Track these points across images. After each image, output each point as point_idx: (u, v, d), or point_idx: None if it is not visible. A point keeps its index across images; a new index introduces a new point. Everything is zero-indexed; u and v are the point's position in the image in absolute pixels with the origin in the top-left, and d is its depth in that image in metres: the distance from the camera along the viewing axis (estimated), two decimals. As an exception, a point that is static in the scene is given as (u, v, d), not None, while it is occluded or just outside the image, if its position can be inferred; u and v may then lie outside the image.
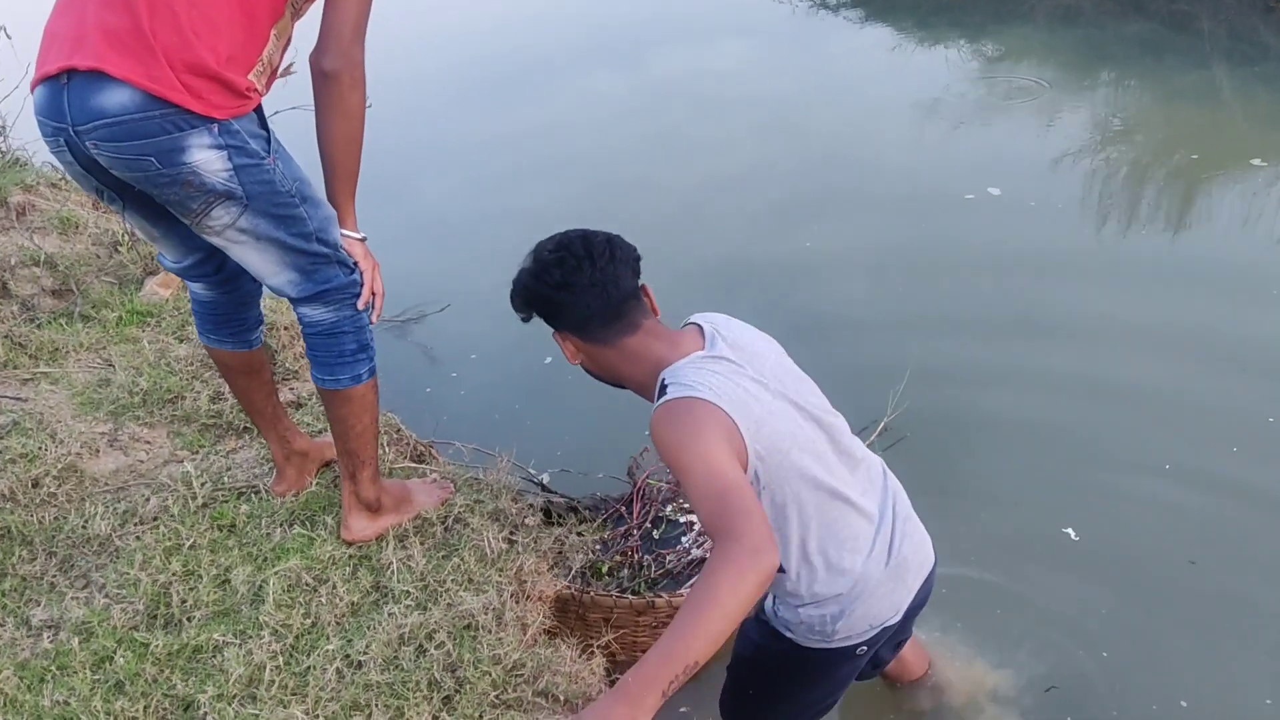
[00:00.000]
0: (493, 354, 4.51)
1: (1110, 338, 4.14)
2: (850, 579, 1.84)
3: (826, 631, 1.89)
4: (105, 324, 3.36)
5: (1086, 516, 3.22)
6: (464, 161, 6.68)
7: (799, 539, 1.82)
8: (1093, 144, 6.25)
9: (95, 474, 2.70)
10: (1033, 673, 2.76)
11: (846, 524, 1.84)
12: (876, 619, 1.90)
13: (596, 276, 1.84)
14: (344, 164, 2.00)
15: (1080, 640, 2.83)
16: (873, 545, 1.87)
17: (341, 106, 1.90)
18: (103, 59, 1.68)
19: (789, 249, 5.11)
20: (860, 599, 1.86)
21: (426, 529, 2.45)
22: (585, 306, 1.85)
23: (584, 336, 1.90)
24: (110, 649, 2.13)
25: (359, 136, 1.96)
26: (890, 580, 1.90)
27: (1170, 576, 2.99)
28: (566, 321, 1.91)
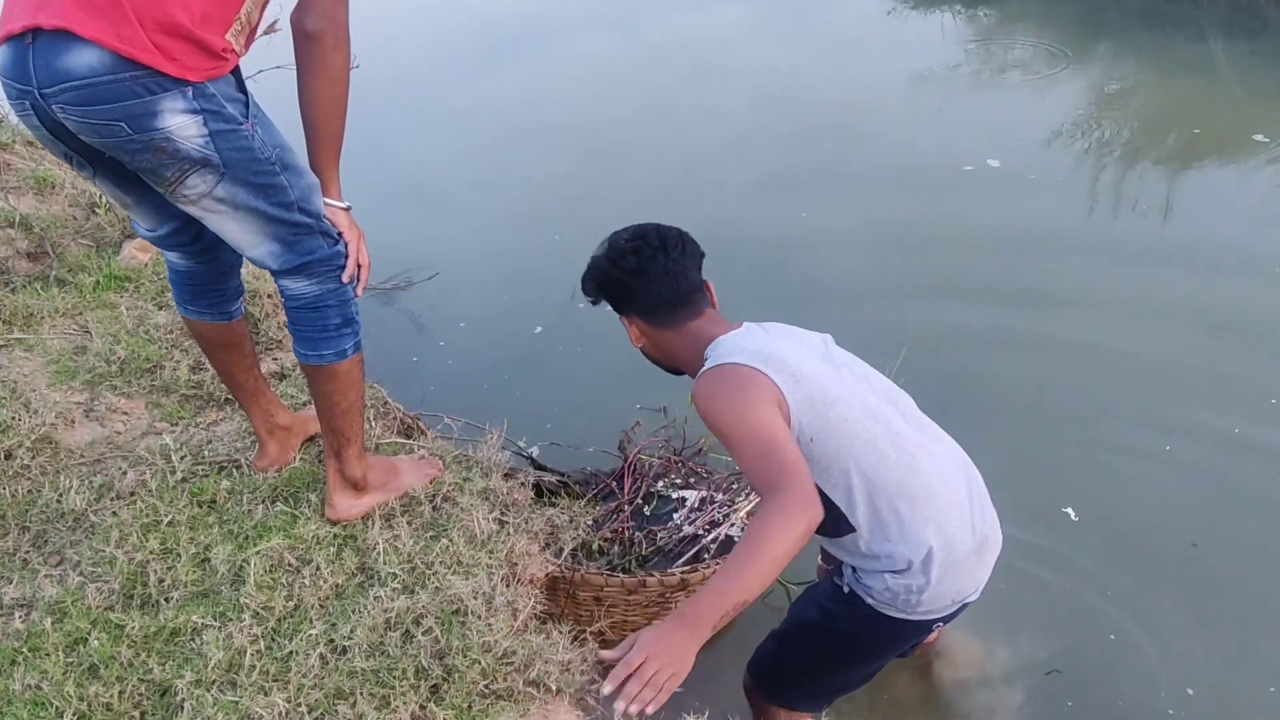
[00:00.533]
0: (481, 323, 4.43)
1: (1111, 312, 4.08)
2: (930, 544, 1.87)
3: (911, 603, 1.92)
4: (82, 289, 3.25)
5: (1086, 496, 3.17)
6: (452, 125, 6.55)
7: (865, 493, 1.88)
8: (1092, 116, 6.17)
9: (71, 445, 2.61)
10: (1034, 655, 2.71)
11: (921, 483, 1.88)
12: (959, 594, 1.96)
13: (669, 266, 2.04)
14: (327, 129, 1.90)
15: (1084, 623, 2.78)
16: (955, 515, 1.91)
17: (325, 69, 1.80)
18: (69, 17, 1.57)
19: (784, 219, 5.02)
20: (947, 572, 1.90)
21: (414, 508, 2.37)
22: (656, 293, 2.04)
23: (651, 321, 2.08)
24: (84, 630, 2.05)
25: (343, 100, 1.87)
26: (974, 556, 1.95)
27: (1172, 558, 2.94)
28: (637, 306, 2.08)
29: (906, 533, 1.88)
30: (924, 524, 1.88)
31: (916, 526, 1.87)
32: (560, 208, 5.42)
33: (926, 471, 1.90)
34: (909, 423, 1.96)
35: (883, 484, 1.87)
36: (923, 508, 1.88)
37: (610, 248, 2.11)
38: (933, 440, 1.99)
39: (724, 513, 3.08)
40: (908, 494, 1.87)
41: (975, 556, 1.95)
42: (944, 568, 1.89)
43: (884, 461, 1.87)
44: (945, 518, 1.90)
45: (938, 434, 2.03)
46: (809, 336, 2.06)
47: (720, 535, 2.98)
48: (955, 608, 1.99)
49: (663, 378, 3.81)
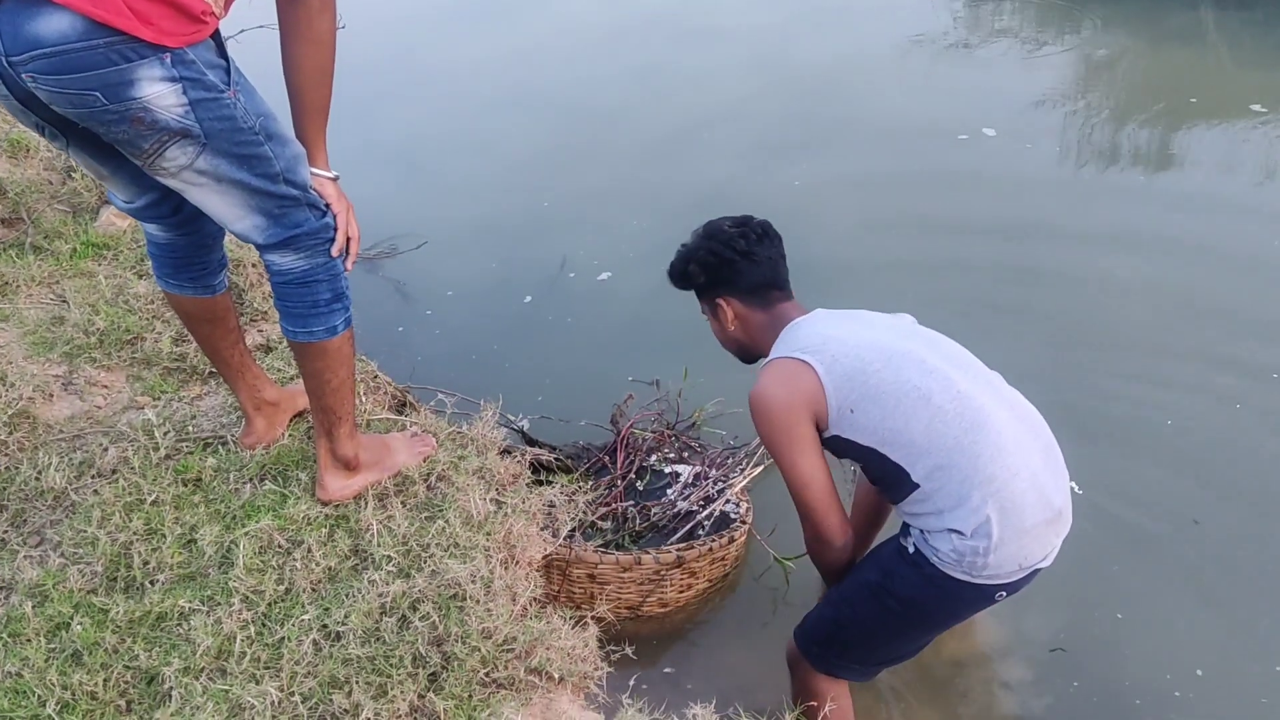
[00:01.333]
0: (469, 291, 4.34)
1: (1111, 287, 4.04)
2: (993, 501, 1.90)
3: (977, 565, 1.93)
4: (58, 256, 3.14)
5: (1089, 470, 3.14)
6: (438, 88, 6.42)
7: (923, 447, 1.94)
8: (1088, 86, 6.11)
9: (49, 420, 2.52)
10: (1038, 632, 2.68)
11: (986, 441, 1.92)
12: (1026, 560, 1.95)
13: (770, 251, 2.26)
14: (313, 96, 1.82)
15: (1088, 600, 2.74)
16: (1025, 478, 1.93)
17: (310, 32, 1.72)
18: None
19: (775, 188, 4.95)
20: (1014, 534, 1.91)
21: (408, 488, 2.30)
22: (760, 274, 2.24)
23: (749, 301, 2.26)
24: (67, 615, 1.98)
25: (329, 65, 1.78)
26: (1045, 524, 1.95)
27: (1175, 535, 2.90)
28: (740, 285, 2.25)
29: (966, 487, 1.92)
30: (988, 479, 1.91)
31: (979, 482, 1.91)
32: (549, 174, 5.32)
33: (993, 430, 1.93)
34: (979, 385, 2.00)
35: (942, 438, 1.93)
36: (986, 465, 1.91)
37: (717, 232, 2.28)
38: (1006, 406, 2.01)
39: (718, 488, 3.03)
40: (969, 450, 1.92)
41: (1046, 525, 1.96)
42: (1009, 529, 1.91)
43: (940, 416, 1.94)
44: (1012, 477, 1.92)
45: (1015, 401, 2.06)
46: (877, 316, 2.19)
47: (715, 511, 2.94)
48: (1022, 574, 1.99)
49: (654, 349, 3.81)
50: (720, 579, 2.83)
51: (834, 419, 2.02)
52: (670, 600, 2.73)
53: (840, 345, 2.03)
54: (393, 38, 7.07)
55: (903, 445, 1.97)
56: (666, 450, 3.28)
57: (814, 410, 2.02)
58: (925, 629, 2.15)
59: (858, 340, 2.04)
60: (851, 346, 2.03)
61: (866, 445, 2.01)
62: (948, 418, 1.93)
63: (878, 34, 6.92)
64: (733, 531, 2.78)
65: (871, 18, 7.33)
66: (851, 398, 1.98)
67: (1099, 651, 2.62)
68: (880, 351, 2.01)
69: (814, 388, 2.00)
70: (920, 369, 1.98)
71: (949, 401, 1.94)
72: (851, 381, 1.99)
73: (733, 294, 2.27)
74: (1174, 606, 2.71)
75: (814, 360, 2.01)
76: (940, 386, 1.96)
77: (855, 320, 2.16)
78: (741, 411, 3.29)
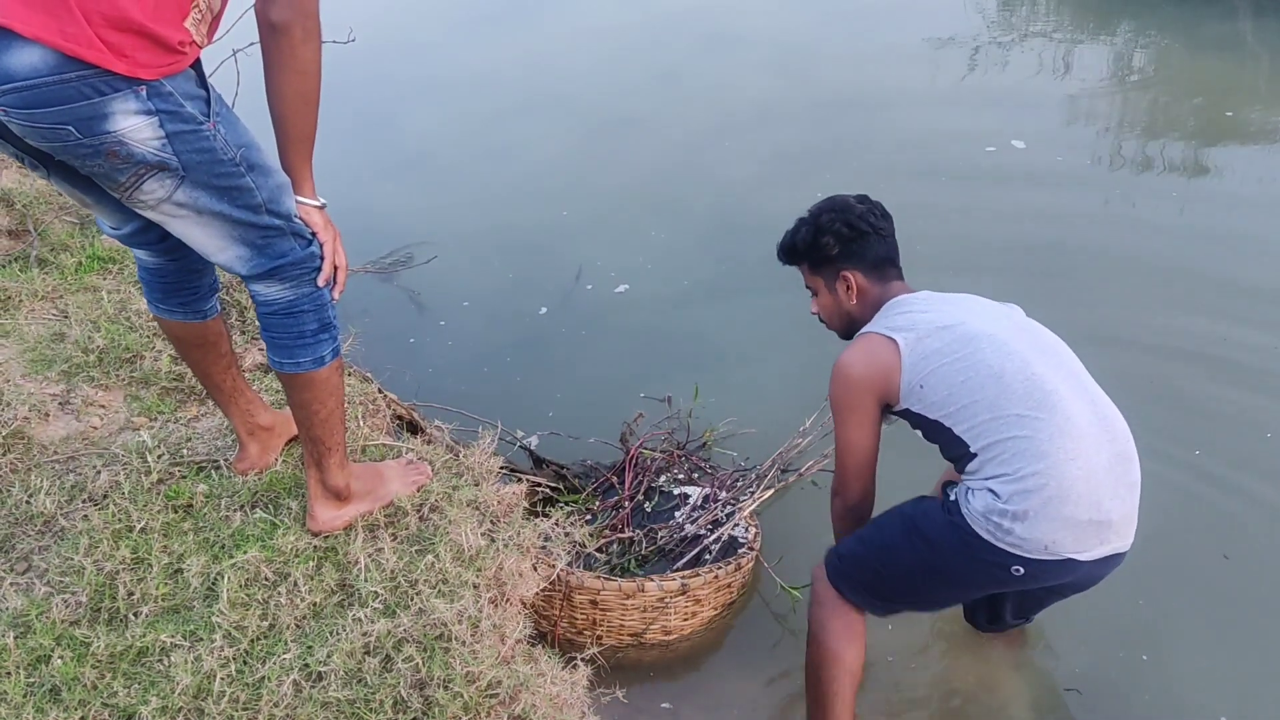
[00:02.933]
0: (484, 302, 4.30)
1: (1133, 305, 3.93)
2: (1037, 476, 1.95)
3: (1002, 528, 1.99)
4: (63, 270, 3.12)
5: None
6: (455, 95, 6.37)
7: (986, 419, 2.03)
8: (1123, 96, 5.97)
9: (44, 441, 2.49)
10: (1052, 669, 2.59)
11: (1050, 422, 1.98)
12: (1055, 546, 1.98)
13: (890, 230, 2.37)
14: (297, 125, 1.77)
15: (1107, 638, 2.65)
16: (1081, 468, 1.96)
17: (293, 62, 1.67)
18: (9, 13, 1.43)
19: (799, 198, 4.84)
20: (1049, 515, 1.95)
21: (399, 519, 2.24)
22: (885, 249, 2.35)
23: (871, 274, 2.34)
24: (48, 648, 1.93)
25: (314, 94, 1.73)
26: (1088, 524, 1.98)
27: (1204, 572, 2.80)
28: (867, 258, 2.34)
29: (1018, 459, 1.99)
30: (1041, 456, 1.97)
31: (1032, 457, 1.97)
32: (568, 182, 5.27)
33: (1060, 414, 1.99)
34: (1060, 374, 2.07)
35: (1004, 412, 2.02)
36: (1044, 443, 1.97)
37: (847, 206, 2.36)
38: (1086, 400, 2.06)
39: (727, 512, 2.96)
40: (1031, 425, 1.99)
41: (1089, 524, 1.98)
42: (1047, 510, 1.95)
43: (1009, 393, 2.02)
44: (1068, 459, 1.96)
45: (1098, 399, 2.10)
46: (982, 302, 2.28)
47: (723, 536, 2.87)
48: (1047, 558, 2.00)
49: (669, 365, 3.74)
50: (726, 607, 2.76)
51: (905, 394, 2.15)
52: (675, 628, 2.67)
53: (929, 326, 2.15)
54: (408, 44, 7.04)
55: (966, 418, 2.06)
56: (676, 471, 3.21)
57: (888, 385, 2.16)
58: (942, 579, 2.20)
59: (948, 322, 2.15)
60: (939, 328, 2.14)
61: (933, 419, 2.12)
62: (1014, 394, 2.02)
63: (905, 38, 6.82)
64: (739, 558, 2.71)
65: (899, 21, 7.22)
66: (923, 375, 2.10)
67: (1116, 694, 2.52)
68: (965, 335, 2.11)
69: (892, 363, 2.14)
70: (999, 350, 2.07)
71: (1019, 381, 2.03)
72: (928, 361, 2.10)
73: (859, 267, 2.35)
74: (1200, 646, 2.60)
75: (900, 338, 2.14)
76: (1015, 367, 2.04)
77: (955, 305, 2.23)
78: (754, 432, 3.25)
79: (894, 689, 2.58)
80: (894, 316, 2.23)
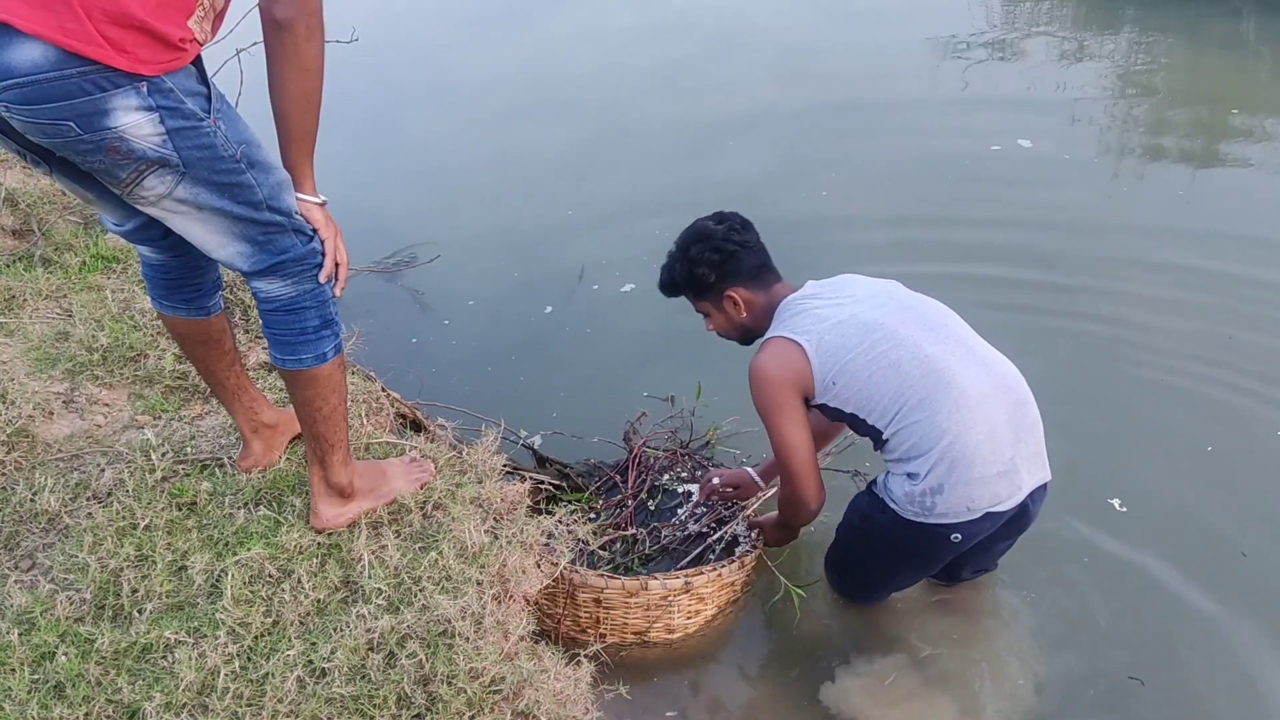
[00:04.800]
0: (490, 301, 4.29)
1: (1144, 301, 3.92)
2: (943, 450, 2.20)
3: (926, 505, 2.25)
4: (67, 269, 3.12)
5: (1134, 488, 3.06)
6: (458, 96, 6.38)
7: (894, 409, 2.25)
8: (1127, 94, 5.95)
9: (48, 439, 2.49)
10: (1065, 674, 2.58)
11: (948, 398, 2.20)
12: (975, 504, 2.23)
13: (754, 237, 2.48)
14: (299, 122, 1.77)
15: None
16: (982, 429, 2.20)
17: (296, 59, 1.67)
18: (9, 9, 1.43)
19: (804, 196, 4.85)
20: (962, 480, 2.20)
21: (403, 517, 2.24)
22: (758, 259, 2.47)
23: (754, 285, 2.47)
24: (52, 644, 1.94)
25: (316, 92, 1.73)
26: (996, 476, 2.22)
27: (1222, 568, 2.78)
28: (744, 274, 2.46)
29: (924, 440, 2.22)
30: (942, 433, 2.20)
31: (935, 435, 2.21)
32: (573, 181, 5.26)
33: (955, 389, 2.21)
34: (949, 348, 2.27)
35: (905, 400, 2.24)
36: (943, 420, 2.20)
37: (708, 233, 2.46)
38: (978, 364, 2.28)
39: (730, 509, 2.95)
40: (930, 406, 2.21)
41: (997, 476, 2.23)
42: (957, 477, 2.20)
43: (907, 382, 2.23)
44: (967, 429, 2.20)
45: (987, 358, 2.32)
46: (864, 286, 2.43)
47: (727, 534, 2.87)
48: (973, 517, 2.25)
49: (671, 364, 3.73)
50: (730, 605, 2.75)
51: (820, 390, 2.33)
52: (678, 627, 2.66)
53: (825, 324, 2.31)
54: (412, 45, 7.04)
55: (876, 410, 2.28)
56: (679, 469, 3.21)
57: (803, 385, 2.33)
58: (907, 564, 2.52)
59: (842, 317, 2.31)
60: (837, 324, 2.30)
61: (848, 411, 2.33)
62: (913, 382, 2.23)
63: (910, 37, 6.81)
64: (743, 557, 2.70)
65: (904, 19, 7.21)
66: (833, 372, 2.28)
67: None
68: (859, 328, 2.29)
69: (803, 365, 2.30)
70: (891, 341, 2.26)
71: (915, 367, 2.23)
72: (834, 358, 2.28)
73: (739, 283, 2.47)
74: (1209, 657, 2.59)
75: (804, 340, 2.30)
76: (909, 355, 2.24)
77: (843, 294, 2.39)
78: (757, 430, 3.24)
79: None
80: (791, 319, 2.37)
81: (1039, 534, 2.60)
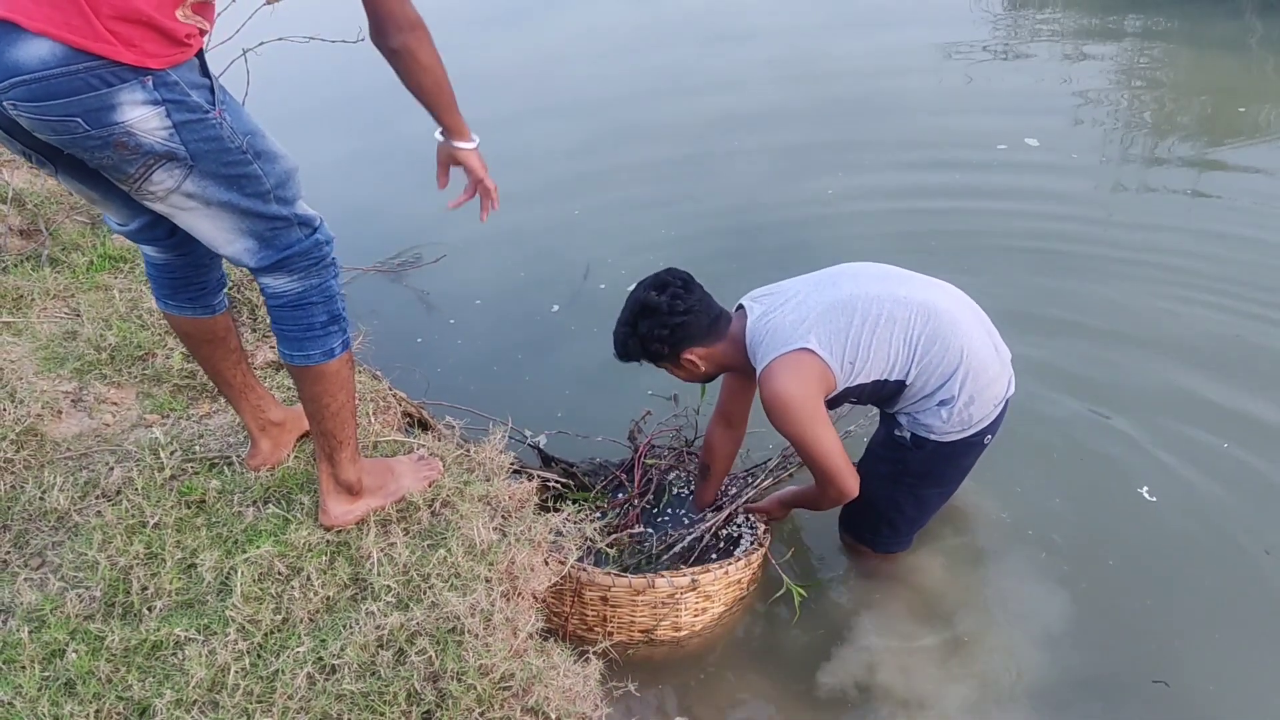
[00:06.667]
0: (497, 300, 4.29)
1: (1164, 302, 3.92)
2: (965, 364, 2.37)
3: (968, 417, 2.42)
4: (75, 269, 3.13)
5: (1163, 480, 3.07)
6: (463, 96, 6.30)
7: (905, 357, 2.38)
8: (1132, 94, 5.94)
9: (57, 438, 2.50)
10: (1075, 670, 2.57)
11: (941, 324, 2.36)
12: (997, 399, 2.46)
13: (699, 295, 2.50)
14: (443, 99, 1.98)
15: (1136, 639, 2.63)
16: (976, 335, 2.41)
17: (420, 64, 1.87)
18: (15, 7, 1.44)
19: (808, 196, 4.85)
20: (985, 382, 2.40)
21: (411, 514, 2.24)
22: (706, 318, 2.49)
23: (708, 342, 2.51)
24: (62, 642, 1.94)
25: (443, 72, 1.93)
26: (1000, 366, 2.46)
27: (1243, 565, 2.79)
28: (695, 337, 2.48)
29: (945, 366, 2.37)
30: (957, 354, 2.37)
31: (953, 359, 2.37)
32: (579, 180, 5.26)
33: (943, 313, 2.38)
34: (911, 287, 2.43)
35: (914, 342, 2.37)
36: (950, 342, 2.36)
37: (653, 307, 2.46)
38: (937, 290, 2.46)
39: (735, 506, 2.95)
40: (935, 337, 2.36)
41: (999, 363, 2.46)
42: (981, 378, 2.39)
43: (907, 326, 2.36)
44: (968, 339, 2.39)
45: (934, 281, 2.50)
46: (809, 281, 2.51)
47: (733, 532, 2.87)
48: (998, 411, 2.48)
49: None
50: (736, 603, 2.75)
51: (841, 378, 2.39)
52: (685, 625, 2.66)
53: (809, 320, 2.37)
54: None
55: (895, 365, 2.38)
56: (684, 468, 3.21)
57: (826, 385, 2.38)
58: (947, 485, 2.67)
59: (816, 308, 2.38)
60: (818, 316, 2.37)
61: (870, 381, 2.41)
62: (911, 322, 2.36)
63: (915, 38, 6.81)
64: (749, 555, 2.70)
65: (908, 21, 7.21)
66: (848, 355, 2.36)
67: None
68: (838, 307, 2.38)
69: (819, 366, 2.35)
70: (870, 302, 2.37)
71: (903, 311, 2.36)
72: (840, 343, 2.35)
73: (694, 345, 2.50)
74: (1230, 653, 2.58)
75: (808, 343, 2.34)
76: (891, 306, 2.37)
77: (789, 296, 2.46)
78: (760, 431, 3.24)
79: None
80: (772, 336, 2.40)
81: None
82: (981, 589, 2.79)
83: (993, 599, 2.78)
